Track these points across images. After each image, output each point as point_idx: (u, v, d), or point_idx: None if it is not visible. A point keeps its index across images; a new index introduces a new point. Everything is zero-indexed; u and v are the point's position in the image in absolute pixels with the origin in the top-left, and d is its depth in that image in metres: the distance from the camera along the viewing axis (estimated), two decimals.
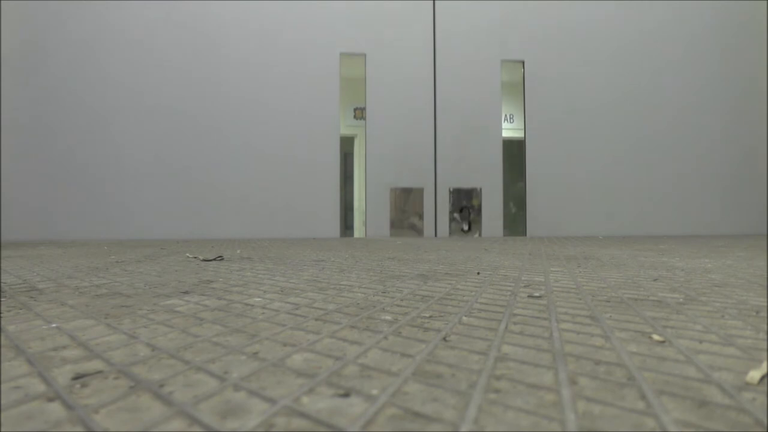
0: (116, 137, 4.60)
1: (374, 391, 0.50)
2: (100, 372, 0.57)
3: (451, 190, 4.89)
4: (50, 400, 0.49)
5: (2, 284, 1.35)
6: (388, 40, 4.88)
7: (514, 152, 5.65)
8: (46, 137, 4.53)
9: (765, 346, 0.67)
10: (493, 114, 4.97)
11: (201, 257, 2.19)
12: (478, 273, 1.55)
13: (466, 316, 0.88)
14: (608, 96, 5.06)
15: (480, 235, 4.86)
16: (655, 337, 0.71)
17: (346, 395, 0.49)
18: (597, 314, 0.89)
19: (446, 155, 4.91)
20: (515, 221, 5.61)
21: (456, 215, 4.83)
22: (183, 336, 0.75)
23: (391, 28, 4.88)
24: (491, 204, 4.93)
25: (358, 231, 6.72)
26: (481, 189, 4.91)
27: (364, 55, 4.87)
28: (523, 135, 5.07)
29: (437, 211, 4.89)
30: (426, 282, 1.34)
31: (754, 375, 0.54)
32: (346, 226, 6.97)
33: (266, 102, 4.76)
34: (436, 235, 4.87)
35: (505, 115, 5.42)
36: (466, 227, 4.72)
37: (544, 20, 5.02)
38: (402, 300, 1.05)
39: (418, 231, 4.82)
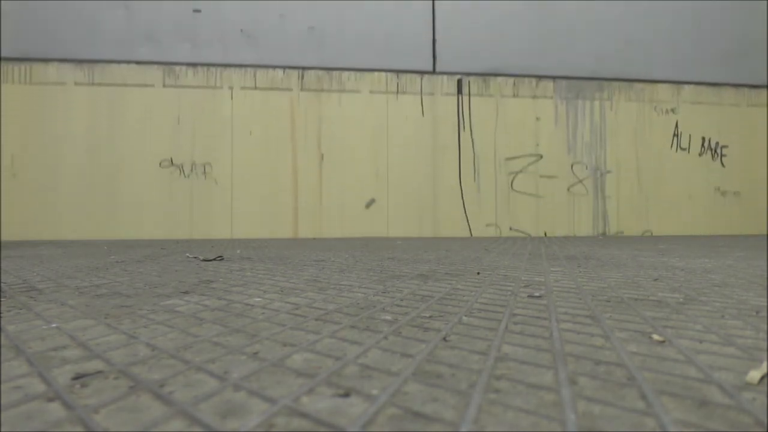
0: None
1: (374, 391, 0.50)
2: (100, 372, 0.57)
3: None
4: (50, 400, 0.49)
5: (2, 284, 1.35)
6: None
7: None
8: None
9: (765, 346, 0.67)
10: None
11: (201, 257, 2.19)
12: (478, 273, 1.55)
13: (466, 316, 0.88)
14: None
15: None
16: (655, 337, 0.71)
17: (346, 395, 0.49)
18: (597, 314, 0.89)
19: None
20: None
21: None
22: (183, 336, 0.75)
23: None
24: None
25: None
26: None
27: None
28: None
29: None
30: (426, 282, 1.34)
31: (754, 375, 0.54)
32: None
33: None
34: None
35: None
36: None
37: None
38: (402, 300, 1.05)
39: None
